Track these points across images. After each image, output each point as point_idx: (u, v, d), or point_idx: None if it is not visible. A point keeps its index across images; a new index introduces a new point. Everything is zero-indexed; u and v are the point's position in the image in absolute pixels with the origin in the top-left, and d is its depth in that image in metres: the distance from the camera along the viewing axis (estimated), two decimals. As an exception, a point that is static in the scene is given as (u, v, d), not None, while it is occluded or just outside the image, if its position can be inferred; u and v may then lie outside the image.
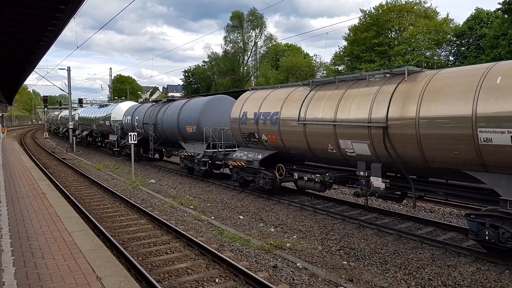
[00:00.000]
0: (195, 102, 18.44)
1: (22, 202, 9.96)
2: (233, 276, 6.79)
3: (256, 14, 57.91)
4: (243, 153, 14.10)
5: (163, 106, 21.03)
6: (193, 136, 17.46)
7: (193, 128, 17.15)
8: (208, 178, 17.14)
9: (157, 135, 21.14)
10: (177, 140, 19.04)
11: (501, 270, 7.14)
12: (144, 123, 22.18)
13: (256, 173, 13.48)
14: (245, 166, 13.79)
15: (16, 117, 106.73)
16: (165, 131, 20.00)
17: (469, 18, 42.87)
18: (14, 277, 5.35)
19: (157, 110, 20.99)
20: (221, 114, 16.46)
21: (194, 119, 17.13)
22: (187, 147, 18.07)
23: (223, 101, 17.68)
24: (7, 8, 9.28)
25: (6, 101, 39.04)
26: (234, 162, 14.30)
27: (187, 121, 17.68)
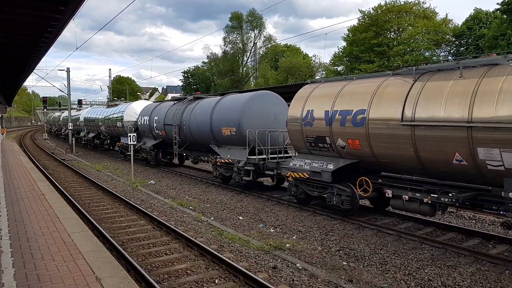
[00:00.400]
0: (233, 100, 15.58)
1: (21, 203, 9.96)
2: (233, 277, 6.79)
3: (255, 14, 57.99)
4: (304, 161, 11.47)
5: (188, 105, 18.22)
6: (230, 139, 14.90)
7: (232, 130, 14.49)
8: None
9: (182, 138, 18.28)
10: (208, 144, 16.48)
11: (501, 270, 7.14)
12: (165, 124, 19.49)
13: (324, 188, 10.90)
14: (309, 178, 11.18)
15: (16, 118, 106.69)
16: (192, 133, 17.32)
17: (468, 19, 42.97)
18: (14, 278, 5.34)
19: (182, 109, 18.23)
20: (266, 113, 14.39)
21: (233, 119, 14.47)
22: (221, 153, 15.50)
23: (267, 98, 15.04)
24: (7, 9, 9.29)
25: (5, 102, 39.04)
26: (294, 173, 11.60)
27: (223, 122, 15.03)
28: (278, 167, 12.77)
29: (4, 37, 11.99)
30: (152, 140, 21.55)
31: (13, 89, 31.30)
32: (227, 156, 15.05)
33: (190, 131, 17.37)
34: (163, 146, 21.26)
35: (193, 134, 17.32)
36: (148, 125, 21.48)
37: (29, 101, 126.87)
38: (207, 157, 17.14)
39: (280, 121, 14.00)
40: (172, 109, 19.26)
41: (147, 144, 22.07)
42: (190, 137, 17.69)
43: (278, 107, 14.73)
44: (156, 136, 20.83)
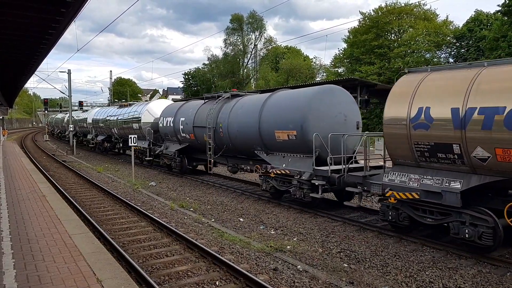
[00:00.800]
0: (291, 97, 12.83)
1: (22, 205, 9.97)
2: (234, 279, 6.78)
3: (256, 16, 58.07)
4: (409, 177, 8.74)
5: (225, 103, 15.57)
6: (287, 145, 12.24)
7: (291, 134, 11.83)
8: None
9: (218, 143, 15.67)
10: (252, 150, 13.83)
11: (502, 272, 7.13)
12: (195, 126, 16.97)
13: (445, 214, 8.25)
14: (419, 200, 8.51)
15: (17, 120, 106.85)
16: (232, 137, 14.62)
17: (468, 20, 42.98)
18: (15, 279, 5.34)
19: (217, 109, 15.61)
20: (335, 112, 11.82)
21: (293, 120, 11.77)
22: (272, 161, 12.86)
23: (336, 93, 12.22)
24: (8, 11, 9.32)
25: (6, 103, 39.12)
26: (399, 193, 8.75)
27: (278, 123, 12.34)
28: (366, 183, 9.66)
29: (6, 39, 12.03)
30: (177, 145, 19.12)
31: (14, 90, 31.37)
32: (282, 165, 12.35)
33: (229, 134, 14.68)
34: (190, 151, 18.95)
35: (232, 138, 14.64)
36: (172, 127, 18.91)
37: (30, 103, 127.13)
38: (248, 165, 14.71)
39: (350, 122, 12.03)
40: (204, 109, 16.68)
41: (170, 148, 19.62)
42: (228, 142, 15.01)
43: (347, 105, 12.30)
44: (182, 140, 18.48)
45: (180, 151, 18.96)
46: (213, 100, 16.71)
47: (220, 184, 16.48)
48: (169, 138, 19.92)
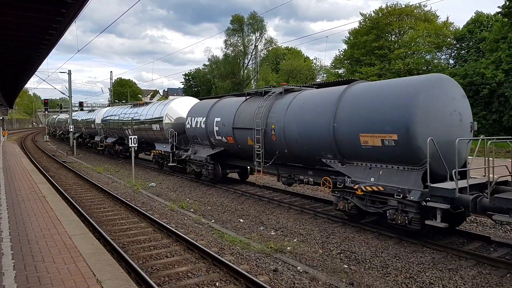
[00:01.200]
0: (385, 89, 9.69)
1: (22, 205, 9.96)
2: (234, 280, 6.78)
3: (256, 17, 58.07)
4: None
5: (276, 100, 12.72)
6: (379, 153, 9.29)
7: (389, 138, 8.87)
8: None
9: (268, 148, 12.80)
10: (318, 158, 11.06)
11: (502, 273, 7.13)
12: (235, 127, 14.29)
13: None
14: None
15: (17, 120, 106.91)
16: (290, 141, 11.77)
17: (469, 22, 42.99)
18: (15, 280, 5.34)
19: (267, 107, 12.74)
20: (448, 110, 8.94)
21: (393, 120, 8.85)
22: (352, 173, 9.95)
23: (447, 86, 9.18)
24: (9, 12, 9.32)
25: (6, 104, 39.13)
26: None
27: (367, 124, 9.40)
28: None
29: (6, 39, 12.03)
30: (208, 149, 16.41)
31: (14, 91, 31.38)
32: (369, 180, 9.47)
33: (285, 138, 11.87)
34: (223, 157, 16.29)
35: (289, 142, 11.78)
36: (203, 129, 16.22)
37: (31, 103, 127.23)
38: (309, 176, 12.04)
39: (464, 123, 9.24)
40: (246, 108, 14.04)
41: (199, 153, 16.83)
42: (282, 147, 12.18)
43: (460, 100, 9.31)
44: (216, 143, 15.83)
45: (213, 157, 16.17)
46: (258, 96, 14.05)
47: (220, 185, 16.44)
48: (198, 142, 17.18)
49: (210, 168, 16.24)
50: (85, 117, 36.76)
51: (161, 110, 20.43)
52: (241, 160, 15.58)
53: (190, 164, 17.66)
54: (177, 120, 19.69)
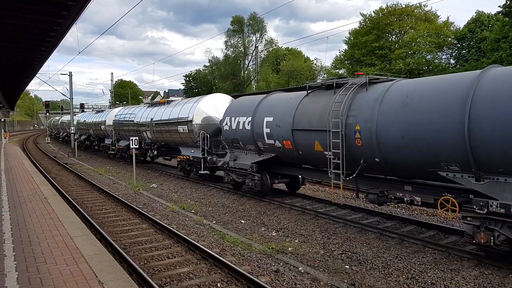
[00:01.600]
0: None
1: (24, 207, 9.98)
2: (235, 281, 6.78)
3: (257, 18, 58.13)
4: None
5: (358, 94, 9.96)
6: None
7: None
8: (209, 182, 16.16)
9: (349, 156, 9.89)
10: (432, 170, 8.29)
11: (504, 274, 7.11)
12: (296, 129, 11.43)
13: None
14: None
15: (18, 122, 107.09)
16: (385, 148, 9.00)
17: (469, 21, 42.97)
18: (17, 282, 5.35)
19: (347, 103, 9.90)
20: None
21: None
22: (496, 192, 7.28)
23: None
24: (10, 14, 9.35)
25: (8, 106, 39.21)
26: None
27: None
28: None
29: (7, 42, 12.07)
30: (254, 155, 13.62)
31: (15, 93, 31.47)
32: None
33: (378, 142, 9.05)
34: (271, 164, 13.52)
35: (385, 148, 8.99)
36: (249, 131, 13.36)
37: (32, 105, 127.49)
38: (411, 194, 9.10)
39: None
40: (312, 104, 11.26)
41: (242, 160, 14.09)
42: (372, 154, 9.35)
43: None
44: (266, 148, 12.99)
45: (260, 165, 13.43)
46: (323, 90, 11.35)
47: (221, 186, 16.44)
48: (239, 146, 14.26)
49: (256, 178, 13.42)
50: (94, 118, 34.06)
51: (190, 110, 17.73)
52: (292, 168, 13.19)
53: (229, 173, 14.79)
54: (205, 120, 17.30)
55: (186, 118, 17.82)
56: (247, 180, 13.96)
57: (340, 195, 11.84)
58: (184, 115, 18.08)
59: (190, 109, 17.81)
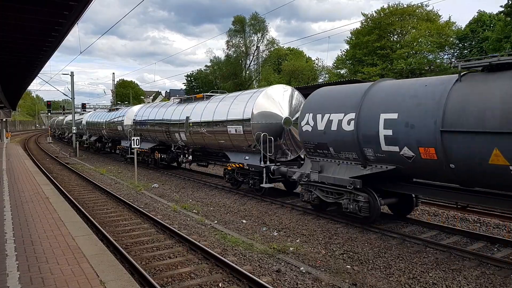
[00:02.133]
0: None
1: (26, 207, 9.99)
2: (236, 280, 6.78)
3: (258, 18, 58.07)
4: None
5: None
6: None
7: None
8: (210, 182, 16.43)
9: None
10: None
11: (506, 274, 7.10)
12: (451, 130, 7.69)
13: None
14: None
15: (20, 122, 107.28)
16: None
17: (471, 21, 42.89)
18: (19, 281, 5.36)
19: None
20: None
21: None
22: None
23: None
24: (11, 14, 9.37)
25: (10, 106, 39.28)
26: None
27: None
28: None
29: (9, 42, 12.10)
30: (355, 167, 10.03)
31: (17, 93, 31.53)
32: None
33: None
34: (376, 180, 9.91)
35: None
36: (349, 132, 9.83)
37: (33, 105, 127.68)
38: None
39: None
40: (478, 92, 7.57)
41: (332, 172, 10.62)
42: None
43: None
44: (379, 158, 9.32)
45: (365, 180, 9.78)
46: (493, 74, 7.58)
47: (222, 186, 16.44)
48: (327, 154, 10.69)
49: (362, 199, 9.71)
50: (107, 117, 29.87)
51: (246, 105, 13.91)
52: (404, 185, 9.73)
53: (311, 189, 11.29)
54: (267, 118, 13.58)
55: (240, 116, 14.01)
56: (344, 201, 10.24)
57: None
58: (238, 113, 14.26)
59: (247, 105, 13.88)
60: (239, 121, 14.16)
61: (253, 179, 13.97)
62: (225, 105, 15.51)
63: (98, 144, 34.05)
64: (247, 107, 13.89)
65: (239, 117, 14.15)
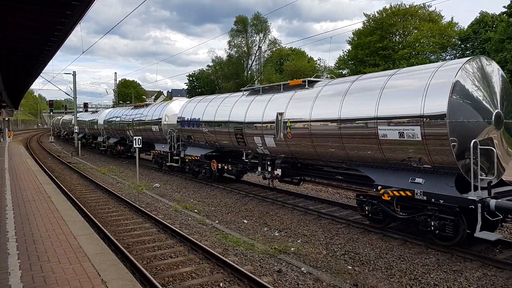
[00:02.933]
0: None
1: (28, 206, 10.02)
2: (237, 281, 6.79)
3: (260, 18, 58.14)
4: None
5: None
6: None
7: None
8: (212, 182, 16.41)
9: None
10: None
11: (508, 275, 7.08)
12: None
13: None
14: None
15: (22, 121, 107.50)
16: None
17: (473, 22, 42.79)
18: (20, 280, 5.37)
19: None
20: None
21: None
22: None
23: None
24: (14, 14, 9.39)
25: (12, 105, 39.39)
26: None
27: None
28: None
29: (12, 41, 12.13)
30: None
31: (20, 92, 31.58)
32: None
33: None
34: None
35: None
36: None
37: (36, 104, 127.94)
38: None
39: None
40: None
41: None
42: None
43: None
44: None
45: None
46: None
47: (223, 186, 16.44)
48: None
49: None
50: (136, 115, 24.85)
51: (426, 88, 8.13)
52: None
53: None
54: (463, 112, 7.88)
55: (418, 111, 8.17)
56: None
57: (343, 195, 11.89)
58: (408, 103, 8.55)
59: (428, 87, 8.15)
60: (413, 119, 8.24)
61: (439, 218, 8.20)
62: (365, 95, 9.64)
63: (120, 147, 28.56)
64: (432, 95, 8.00)
65: (413, 112, 8.25)
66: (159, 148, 21.08)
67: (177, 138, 19.44)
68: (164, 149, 20.63)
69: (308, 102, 11.27)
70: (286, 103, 12.14)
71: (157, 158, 22.23)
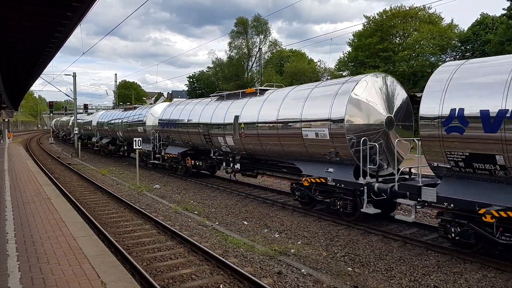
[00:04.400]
0: None
1: (27, 207, 10.01)
2: (238, 282, 6.78)
3: (261, 20, 58.19)
4: None
5: None
6: None
7: None
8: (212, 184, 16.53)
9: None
10: None
11: (507, 277, 7.07)
12: None
13: None
14: None
15: (22, 123, 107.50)
16: None
17: (474, 24, 42.79)
18: (20, 282, 5.36)
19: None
20: None
21: None
22: None
23: None
24: (14, 15, 9.41)
25: (12, 106, 39.41)
26: None
27: None
28: None
29: (12, 42, 12.14)
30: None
31: (20, 93, 31.62)
32: None
33: None
34: None
35: None
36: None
37: (36, 106, 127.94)
38: None
39: None
40: None
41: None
42: None
43: None
44: None
45: None
46: None
47: (224, 187, 16.43)
48: None
49: None
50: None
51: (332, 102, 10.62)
52: None
53: None
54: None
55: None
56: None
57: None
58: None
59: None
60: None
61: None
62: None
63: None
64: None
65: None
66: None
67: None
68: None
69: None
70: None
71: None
